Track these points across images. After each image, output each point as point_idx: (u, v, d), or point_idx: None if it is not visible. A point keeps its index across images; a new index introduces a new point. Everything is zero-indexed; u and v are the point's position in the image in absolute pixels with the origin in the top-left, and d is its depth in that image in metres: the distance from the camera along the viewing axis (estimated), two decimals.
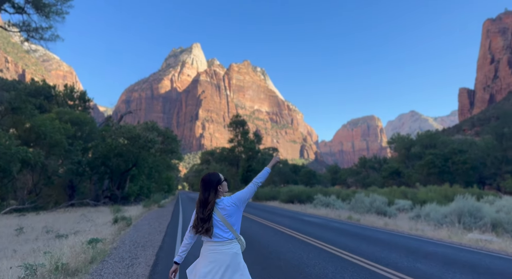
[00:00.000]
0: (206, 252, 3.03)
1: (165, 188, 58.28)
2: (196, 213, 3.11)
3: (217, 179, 3.13)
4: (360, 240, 9.86)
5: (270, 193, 39.08)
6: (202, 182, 3.14)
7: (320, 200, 24.71)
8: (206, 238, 3.07)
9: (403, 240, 9.94)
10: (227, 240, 3.02)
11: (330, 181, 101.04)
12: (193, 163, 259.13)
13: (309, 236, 10.38)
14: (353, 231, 11.96)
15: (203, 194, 3.09)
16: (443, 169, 61.59)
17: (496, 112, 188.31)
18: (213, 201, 3.03)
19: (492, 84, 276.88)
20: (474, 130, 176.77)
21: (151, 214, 20.90)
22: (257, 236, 10.44)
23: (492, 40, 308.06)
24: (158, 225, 14.23)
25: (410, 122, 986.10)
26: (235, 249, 3.05)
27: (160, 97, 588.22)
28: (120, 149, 35.66)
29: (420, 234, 11.68)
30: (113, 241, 10.37)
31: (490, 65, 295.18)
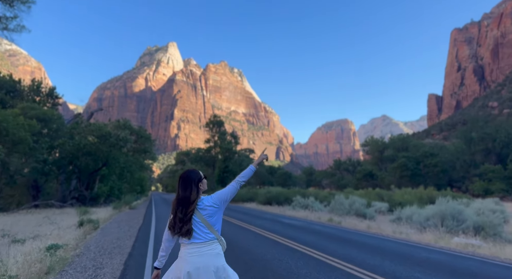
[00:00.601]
0: (186, 255, 2.82)
1: (138, 189, 56.23)
2: (174, 213, 2.89)
3: (198, 176, 2.96)
4: (347, 245, 9.31)
5: (247, 195, 38.30)
6: (182, 179, 2.94)
7: (299, 202, 24.26)
8: (185, 240, 2.88)
9: (392, 245, 9.47)
10: (209, 241, 2.86)
11: (305, 182, 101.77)
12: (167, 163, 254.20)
13: (294, 241, 9.72)
14: (337, 235, 11.43)
15: (183, 192, 2.88)
16: (415, 172, 63.25)
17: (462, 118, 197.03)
18: (195, 200, 2.85)
19: (459, 91, 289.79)
20: (442, 135, 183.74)
21: (121, 217, 19.63)
22: (238, 241, 9.68)
23: (459, 49, 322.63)
24: (128, 229, 13.15)
25: (382, 126, 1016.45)
26: (217, 249, 2.89)
27: (134, 96, 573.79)
28: (89, 147, 33.79)
29: (405, 237, 11.33)
30: (77, 247, 9.29)
31: (457, 72, 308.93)
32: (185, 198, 2.86)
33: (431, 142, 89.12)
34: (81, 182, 36.10)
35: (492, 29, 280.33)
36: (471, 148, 56.77)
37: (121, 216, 20.35)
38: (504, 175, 47.31)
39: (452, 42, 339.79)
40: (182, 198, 2.88)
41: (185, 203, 2.86)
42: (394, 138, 76.14)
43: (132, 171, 46.87)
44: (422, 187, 32.60)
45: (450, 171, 62.12)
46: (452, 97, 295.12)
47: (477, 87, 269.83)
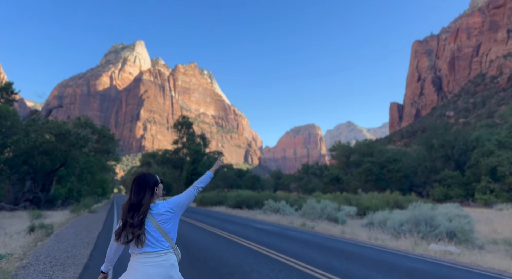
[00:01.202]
0: (137, 265, 2.56)
1: (99, 191, 53.41)
2: (123, 218, 2.63)
3: (154, 180, 2.75)
4: (327, 253, 8.79)
5: (216, 198, 37.29)
6: (136, 181, 2.71)
7: (270, 206, 23.72)
8: (135, 249, 2.61)
9: (372, 253, 9.07)
10: (163, 250, 2.61)
11: (273, 186, 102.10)
12: (132, 165, 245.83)
13: (271, 249, 9.04)
14: (314, 242, 10.93)
15: (136, 196, 2.65)
16: (379, 176, 65.15)
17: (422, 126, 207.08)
18: (148, 204, 2.63)
19: (418, 100, 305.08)
20: (403, 141, 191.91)
21: (79, 221, 18.10)
22: (211, 249, 8.87)
23: (420, 60, 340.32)
24: (87, 235, 11.94)
25: (347, 132, 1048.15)
26: (172, 260, 2.64)
27: (97, 94, 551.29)
28: (46, 145, 31.38)
29: (382, 244, 11.05)
30: (24, 256, 8.10)
31: (417, 82, 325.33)
32: (137, 203, 2.63)
33: (393, 148, 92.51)
34: (36, 183, 33.44)
35: (449, 42, 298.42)
36: (432, 154, 59.26)
37: (79, 220, 18.79)
38: (462, 181, 49.65)
39: (413, 53, 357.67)
40: (135, 202, 2.64)
41: (136, 208, 2.62)
42: (360, 144, 78.19)
43: (93, 172, 44.35)
44: (388, 191, 33.26)
45: (412, 176, 64.57)
46: (412, 106, 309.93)
47: (435, 97, 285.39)
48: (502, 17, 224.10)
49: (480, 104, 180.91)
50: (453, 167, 55.24)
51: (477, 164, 47.62)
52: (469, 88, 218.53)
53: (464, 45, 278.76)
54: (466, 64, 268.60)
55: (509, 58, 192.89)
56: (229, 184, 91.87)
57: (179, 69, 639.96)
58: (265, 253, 8.49)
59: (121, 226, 2.64)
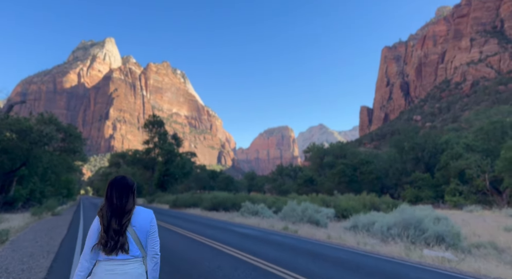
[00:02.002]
0: (102, 273, 2.41)
1: (64, 192, 50.36)
2: (104, 223, 2.47)
3: (132, 183, 2.65)
4: (321, 262, 7.99)
5: (190, 200, 35.82)
6: (117, 185, 2.57)
7: (248, 208, 22.83)
8: (104, 256, 2.47)
9: (368, 261, 8.31)
10: (132, 258, 2.49)
11: (247, 187, 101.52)
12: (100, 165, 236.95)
13: (259, 257, 8.10)
14: (303, 248, 10.13)
15: (119, 200, 2.51)
16: (352, 178, 66.01)
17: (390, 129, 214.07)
18: (132, 210, 2.54)
19: (387, 105, 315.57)
20: (373, 144, 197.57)
21: (41, 225, 16.45)
22: (193, 259, 7.85)
23: (389, 66, 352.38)
24: (48, 241, 10.60)
25: (319, 135, 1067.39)
26: (140, 269, 2.51)
27: (64, 92, 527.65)
28: (5, 143, 28.93)
29: (372, 250, 10.44)
30: None
31: (386, 87, 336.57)
32: (121, 207, 2.50)
33: (365, 150, 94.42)
34: None
35: (416, 49, 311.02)
36: (403, 157, 60.72)
37: (40, 224, 17.11)
38: (432, 183, 51.07)
39: (383, 58, 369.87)
40: (118, 207, 2.50)
41: (121, 213, 2.49)
42: (334, 146, 79.10)
43: (58, 172, 41.70)
44: (364, 193, 33.31)
45: (384, 178, 65.92)
46: (381, 110, 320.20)
47: (403, 101, 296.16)
48: (466, 26, 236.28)
49: (445, 109, 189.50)
50: (423, 169, 56.80)
51: (446, 167, 49.08)
52: (435, 94, 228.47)
53: (430, 52, 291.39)
54: (432, 71, 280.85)
55: (472, 65, 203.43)
56: (202, 185, 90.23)
57: (151, 68, 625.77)
58: (254, 263, 7.60)
59: (102, 233, 2.46)
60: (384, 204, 29.91)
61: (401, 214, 12.43)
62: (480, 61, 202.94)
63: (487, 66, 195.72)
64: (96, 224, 2.54)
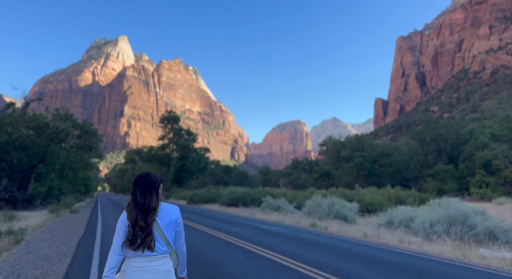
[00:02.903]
0: (130, 270, 2.42)
1: (81, 189, 50.58)
2: (131, 220, 2.47)
3: (158, 180, 2.64)
4: (372, 266, 6.82)
5: (207, 195, 35.16)
6: (141, 182, 2.57)
7: (269, 203, 21.95)
8: (132, 252, 2.47)
9: (425, 264, 6.98)
10: (159, 254, 2.48)
11: (262, 182, 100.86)
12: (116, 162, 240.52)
13: (299, 261, 6.95)
14: (343, 248, 8.97)
15: (143, 198, 2.50)
16: (371, 171, 64.27)
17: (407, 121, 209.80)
18: (157, 208, 2.52)
19: (402, 96, 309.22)
20: (389, 136, 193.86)
21: (58, 223, 15.95)
22: (224, 262, 6.91)
23: (404, 56, 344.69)
24: (65, 241, 9.93)
25: (332, 128, 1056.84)
26: (168, 265, 2.51)
27: (79, 90, 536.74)
28: (22, 140, 28.75)
29: (418, 249, 9.25)
30: None
31: (401, 78, 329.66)
32: (145, 205, 2.48)
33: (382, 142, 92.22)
34: (12, 181, 30.71)
35: (432, 38, 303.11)
36: (424, 148, 58.70)
37: (58, 222, 16.63)
38: (455, 175, 49.11)
39: (397, 49, 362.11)
40: (142, 205, 2.48)
41: (145, 211, 2.47)
42: (351, 139, 77.39)
43: (75, 169, 41.70)
44: (389, 186, 32.02)
45: (404, 170, 63.98)
46: (396, 102, 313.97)
47: (419, 92, 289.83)
48: (484, 13, 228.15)
49: (464, 99, 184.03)
50: (445, 160, 54.78)
51: (471, 158, 47.09)
52: (453, 84, 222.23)
53: (447, 41, 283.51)
54: (449, 60, 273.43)
55: (491, 53, 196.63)
56: (216, 181, 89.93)
57: (164, 65, 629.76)
58: (297, 268, 6.52)
59: (130, 229, 2.45)
60: (410, 198, 28.61)
61: (445, 209, 11.26)
62: (500, 49, 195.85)
63: (508, 54, 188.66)
64: (124, 219, 2.53)
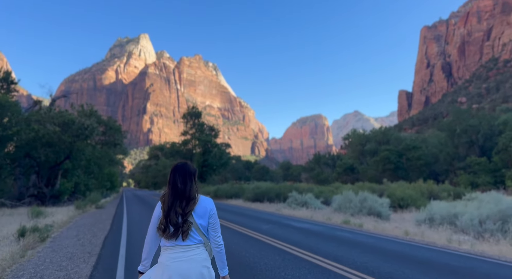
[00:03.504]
0: (168, 260, 2.38)
1: (107, 185, 51.48)
2: (164, 208, 2.45)
3: (194, 169, 2.62)
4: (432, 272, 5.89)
5: (231, 190, 34.77)
6: (180, 170, 2.55)
7: (296, 198, 21.20)
8: (167, 242, 2.45)
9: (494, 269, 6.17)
10: (194, 244, 2.45)
11: (282, 177, 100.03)
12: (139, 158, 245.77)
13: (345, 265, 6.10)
14: (389, 250, 7.96)
15: (183, 185, 2.48)
16: (397, 165, 62.15)
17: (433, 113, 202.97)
18: (195, 195, 2.50)
19: (428, 87, 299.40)
20: (414, 129, 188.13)
21: (84, 219, 15.83)
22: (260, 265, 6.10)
23: (428, 46, 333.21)
24: (90, 239, 9.57)
25: (354, 122, 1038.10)
26: (204, 254, 2.48)
27: (103, 89, 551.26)
28: (49, 137, 29.20)
29: (472, 250, 8.12)
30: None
31: (426, 69, 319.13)
32: (185, 192, 2.46)
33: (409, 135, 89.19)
34: (41, 177, 31.40)
35: (459, 27, 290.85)
36: (454, 140, 56.13)
37: (84, 218, 16.53)
38: (489, 168, 46.64)
39: (422, 39, 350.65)
40: (182, 191, 2.46)
41: (184, 198, 2.45)
42: (376, 131, 75.24)
43: (101, 164, 42.35)
44: (421, 180, 30.61)
45: (433, 164, 61.51)
46: (421, 93, 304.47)
47: (445, 83, 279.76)
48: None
49: (494, 89, 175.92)
50: (477, 153, 52.16)
51: (506, 149, 44.55)
52: (481, 74, 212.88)
53: (474, 29, 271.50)
54: (477, 49, 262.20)
55: None
56: (237, 176, 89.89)
57: (184, 62, 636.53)
58: (347, 274, 5.61)
59: (163, 218, 2.42)
60: (444, 192, 27.13)
61: (495, 204, 10.17)
62: None
63: None
64: (158, 210, 2.50)
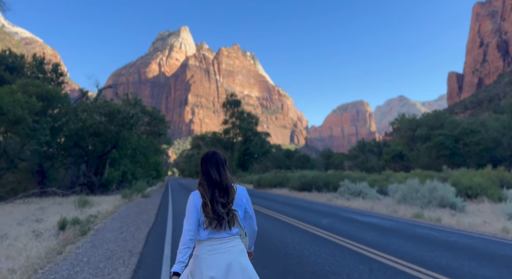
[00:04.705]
0: (206, 254, 2.32)
1: (153, 173, 52.57)
2: (212, 198, 2.33)
3: (225, 158, 2.56)
4: None
5: (274, 179, 33.48)
6: (211, 159, 2.46)
7: (348, 188, 19.37)
8: (205, 235, 2.37)
9: None
10: (231, 236, 2.39)
11: (324, 165, 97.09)
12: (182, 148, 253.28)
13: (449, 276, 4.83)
14: (501, 255, 6.36)
15: (217, 175, 2.39)
16: (454, 151, 57.35)
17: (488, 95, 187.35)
18: (231, 184, 2.42)
19: (481, 68, 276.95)
20: (467, 113, 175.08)
21: (129, 209, 15.32)
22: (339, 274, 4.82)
23: (482, 24, 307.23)
24: (133, 233, 8.69)
25: (398, 107, 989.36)
26: (241, 246, 2.42)
27: (148, 81, 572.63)
28: (96, 126, 29.69)
29: None
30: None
31: (479, 49, 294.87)
32: (221, 183, 2.38)
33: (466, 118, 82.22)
34: (90, 167, 32.19)
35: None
36: None
37: (129, 207, 16.07)
38: None
39: (474, 17, 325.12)
40: (218, 182, 2.38)
41: (222, 188, 2.37)
42: (429, 115, 70.07)
43: (146, 154, 43.03)
44: (489, 166, 27.27)
45: (493, 149, 55.96)
46: (473, 75, 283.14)
47: (500, 63, 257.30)
48: None
49: None
50: None
51: None
52: None
53: None
54: None
55: None
56: (278, 165, 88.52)
57: (223, 52, 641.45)
58: None
59: (208, 209, 2.30)
60: None
61: None
62: None
63: None
64: (195, 199, 2.38)
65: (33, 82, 32.93)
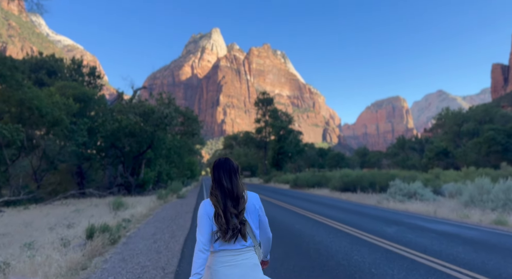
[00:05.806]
0: (218, 266, 2.22)
1: (188, 173, 52.52)
2: (223, 208, 2.22)
3: (237, 165, 2.45)
4: None
5: (313, 179, 31.76)
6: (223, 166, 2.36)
7: (400, 188, 17.42)
8: (217, 247, 2.27)
9: None
10: (245, 248, 2.28)
11: (359, 164, 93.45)
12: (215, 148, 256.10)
13: None
14: None
15: (229, 183, 2.29)
16: (506, 146, 52.67)
17: None
18: (243, 193, 2.31)
19: None
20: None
21: (164, 212, 14.45)
22: None
23: None
24: (168, 242, 7.62)
25: (438, 102, 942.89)
26: (254, 259, 2.29)
27: (181, 84, 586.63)
28: (131, 127, 29.57)
29: None
30: None
31: None
32: (233, 191, 2.28)
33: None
34: (126, 167, 32.20)
35: None
36: None
37: (165, 210, 15.22)
38: None
39: None
40: (230, 190, 2.28)
41: (234, 197, 2.27)
42: (477, 109, 65.12)
43: (181, 154, 42.86)
44: None
45: None
46: None
47: None
48: None
49: None
50: None
51: None
52: None
53: None
54: None
55: None
56: (311, 164, 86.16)
57: (253, 52, 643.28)
58: None
59: (220, 219, 2.19)
60: None
61: None
62: None
63: None
64: (207, 208, 2.24)
65: (70, 84, 33.48)
